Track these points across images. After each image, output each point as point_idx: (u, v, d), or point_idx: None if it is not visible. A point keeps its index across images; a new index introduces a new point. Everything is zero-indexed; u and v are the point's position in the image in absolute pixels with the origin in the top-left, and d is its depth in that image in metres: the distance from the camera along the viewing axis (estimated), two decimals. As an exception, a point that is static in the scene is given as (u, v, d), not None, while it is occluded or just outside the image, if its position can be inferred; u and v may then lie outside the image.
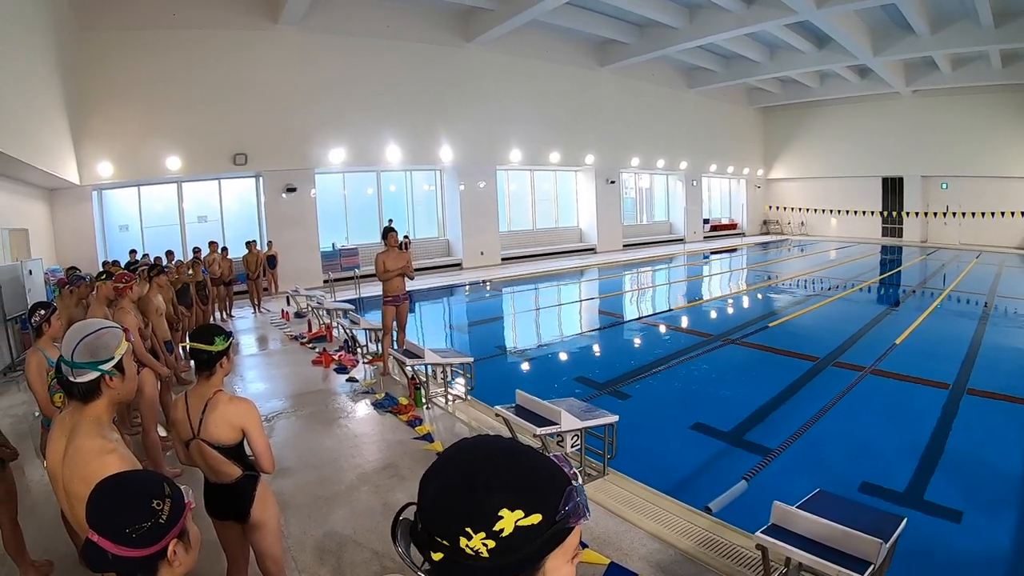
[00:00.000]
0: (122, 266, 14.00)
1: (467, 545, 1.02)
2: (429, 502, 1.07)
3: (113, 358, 2.57)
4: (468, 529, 1.02)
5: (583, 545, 5.02)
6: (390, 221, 9.89)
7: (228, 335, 3.81)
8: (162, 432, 7.12)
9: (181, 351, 11.46)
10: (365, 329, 12.23)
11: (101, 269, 9.28)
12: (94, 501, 1.75)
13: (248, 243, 18.67)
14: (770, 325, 14.88)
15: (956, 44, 25.69)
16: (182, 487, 1.87)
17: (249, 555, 3.94)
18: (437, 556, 1.05)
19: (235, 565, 3.91)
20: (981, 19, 23.15)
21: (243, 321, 16.89)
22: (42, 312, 5.62)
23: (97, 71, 18.64)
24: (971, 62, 30.40)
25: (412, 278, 10.69)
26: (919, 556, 5.20)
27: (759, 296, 20.18)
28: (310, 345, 13.29)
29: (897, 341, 12.73)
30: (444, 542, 1.04)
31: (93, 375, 2.53)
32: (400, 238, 10.78)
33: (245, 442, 3.70)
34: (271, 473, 3.81)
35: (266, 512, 3.76)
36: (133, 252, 17.90)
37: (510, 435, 6.90)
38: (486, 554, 1.02)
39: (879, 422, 8.76)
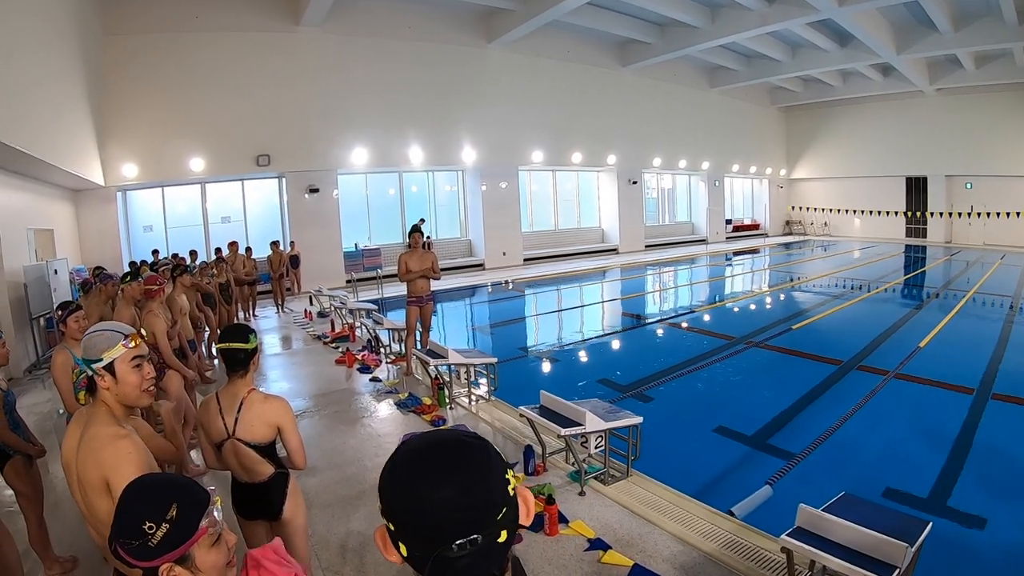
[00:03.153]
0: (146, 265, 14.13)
1: (498, 520, 1.11)
2: (459, 511, 1.07)
3: (101, 359, 2.62)
4: (504, 510, 1.12)
5: (606, 547, 5.04)
6: (421, 221, 9.89)
7: (256, 332, 3.85)
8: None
9: (204, 350, 11.54)
10: (388, 329, 12.26)
11: (128, 270, 9.32)
12: (123, 491, 1.81)
13: (272, 243, 18.90)
14: (793, 328, 14.78)
15: (979, 42, 25.44)
16: (215, 512, 1.85)
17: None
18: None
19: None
20: (1005, 16, 22.90)
21: (266, 321, 17.01)
22: (59, 312, 5.70)
23: (121, 74, 18.85)
24: (995, 59, 30.06)
25: (438, 278, 10.67)
26: (942, 562, 5.16)
27: (782, 298, 20.08)
28: (333, 345, 13.37)
29: (921, 344, 12.61)
30: (478, 536, 1.08)
31: (88, 371, 2.61)
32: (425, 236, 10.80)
33: (276, 440, 3.72)
34: (303, 470, 3.86)
35: (296, 510, 3.79)
36: (156, 252, 18.05)
37: (534, 436, 6.93)
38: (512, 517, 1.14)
39: (903, 427, 8.69)
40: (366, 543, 5.29)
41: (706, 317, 17.16)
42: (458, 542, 1.06)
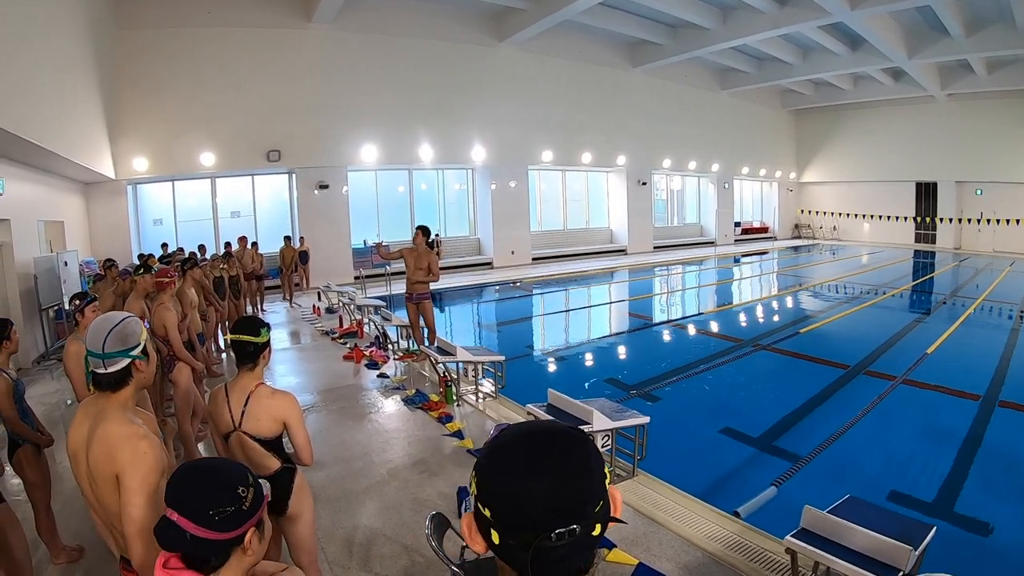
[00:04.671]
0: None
1: (595, 512, 1.10)
2: (563, 500, 1.07)
3: (140, 344, 2.69)
4: (601, 503, 1.12)
5: (611, 545, 5.05)
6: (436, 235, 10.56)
7: (269, 327, 3.86)
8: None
9: (212, 344, 11.59)
10: (396, 325, 12.29)
11: (138, 263, 9.38)
12: (180, 482, 1.85)
13: (286, 237, 19.18)
14: (801, 331, 14.77)
15: (991, 47, 25.31)
16: (260, 480, 1.96)
17: (282, 546, 3.99)
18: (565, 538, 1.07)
19: (267, 557, 3.94)
20: (1017, 22, 22.80)
21: (274, 316, 17.04)
22: (77, 302, 5.75)
23: (133, 68, 18.92)
24: (1007, 65, 29.88)
25: (435, 279, 10.99)
26: (946, 566, 5.14)
27: (790, 301, 20.07)
28: (341, 340, 13.41)
29: (929, 350, 12.58)
30: (576, 527, 1.07)
31: (124, 362, 2.64)
32: (432, 236, 11.07)
33: (283, 435, 3.75)
34: (310, 466, 3.88)
35: (303, 504, 3.82)
36: (165, 246, 18.10)
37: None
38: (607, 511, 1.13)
39: (909, 432, 8.68)
40: (372, 537, 5.32)
41: (714, 319, 17.16)
42: (557, 532, 1.05)
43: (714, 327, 16.06)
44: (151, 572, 1.89)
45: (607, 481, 1.15)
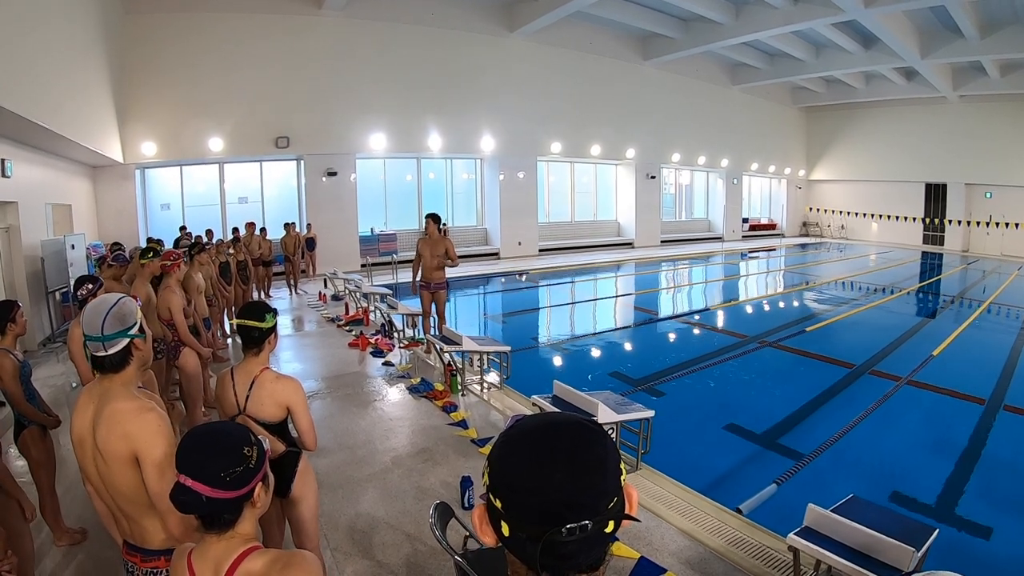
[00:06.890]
0: (168, 244, 14.18)
1: (608, 508, 1.06)
2: (576, 494, 1.03)
3: (137, 322, 2.71)
4: (615, 500, 1.08)
5: (614, 539, 5.03)
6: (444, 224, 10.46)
7: (275, 312, 3.88)
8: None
9: (218, 329, 11.61)
10: (402, 314, 12.30)
11: (146, 246, 9.37)
12: (189, 449, 1.96)
13: (286, 224, 19.05)
14: (807, 329, 14.74)
15: (1005, 49, 25.11)
16: (259, 438, 2.08)
17: (285, 530, 4.01)
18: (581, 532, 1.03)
19: (271, 540, 3.96)
20: (1032, 24, 22.72)
21: (280, 302, 17.06)
22: (89, 286, 5.73)
23: (142, 53, 18.90)
24: (1020, 68, 29.61)
25: (454, 264, 10.91)
26: (947, 569, 5.14)
27: (796, 299, 20.02)
28: (347, 328, 13.42)
29: (935, 352, 12.54)
30: (588, 523, 1.03)
31: (124, 342, 2.66)
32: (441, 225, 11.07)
33: (288, 419, 3.76)
34: (313, 451, 3.89)
35: (306, 488, 3.83)
36: (183, 228, 18.00)
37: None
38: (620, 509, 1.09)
39: (913, 433, 8.66)
40: (375, 525, 5.33)
41: (720, 315, 17.12)
42: (568, 526, 1.02)
43: (720, 323, 16.04)
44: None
45: (623, 477, 1.11)
